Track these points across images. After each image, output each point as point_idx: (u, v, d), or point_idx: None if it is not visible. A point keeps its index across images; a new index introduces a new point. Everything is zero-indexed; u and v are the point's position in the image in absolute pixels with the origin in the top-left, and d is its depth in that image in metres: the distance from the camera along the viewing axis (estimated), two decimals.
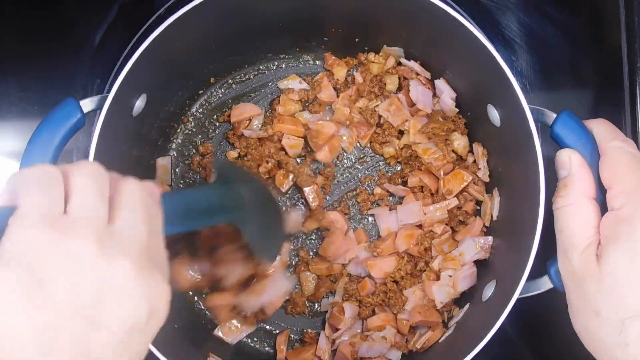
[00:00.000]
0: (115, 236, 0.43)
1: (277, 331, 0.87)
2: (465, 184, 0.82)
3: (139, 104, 0.74)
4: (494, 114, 0.75)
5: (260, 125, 0.88)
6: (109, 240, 0.43)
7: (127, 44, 0.89)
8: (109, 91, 0.86)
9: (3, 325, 0.39)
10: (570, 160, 0.64)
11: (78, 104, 0.67)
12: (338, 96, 0.88)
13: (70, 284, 0.41)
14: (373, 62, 0.87)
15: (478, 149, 0.82)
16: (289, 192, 0.88)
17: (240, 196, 0.67)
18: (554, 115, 0.67)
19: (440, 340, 0.80)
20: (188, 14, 0.69)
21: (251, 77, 0.90)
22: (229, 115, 0.88)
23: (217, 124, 0.90)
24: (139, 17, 0.90)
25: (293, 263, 0.88)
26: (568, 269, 0.62)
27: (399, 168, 0.89)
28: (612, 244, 0.58)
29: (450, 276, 0.81)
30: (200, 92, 0.89)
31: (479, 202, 0.84)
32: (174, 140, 0.89)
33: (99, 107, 0.68)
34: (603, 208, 0.62)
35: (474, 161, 0.83)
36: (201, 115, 0.90)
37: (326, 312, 0.86)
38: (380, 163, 0.89)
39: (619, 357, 0.58)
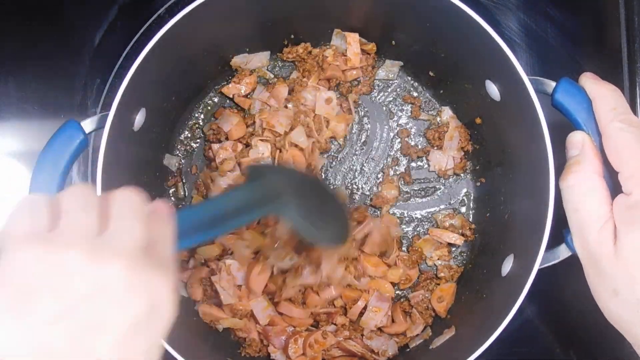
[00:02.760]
0: (106, 242, 0.44)
1: None
2: None
3: (139, 118, 0.74)
4: (493, 89, 0.76)
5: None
6: (100, 246, 0.44)
7: (127, 44, 0.90)
8: (107, 94, 0.88)
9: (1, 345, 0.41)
10: (583, 141, 0.64)
11: (79, 125, 0.67)
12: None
13: (59, 292, 0.42)
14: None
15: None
16: None
17: (274, 188, 0.66)
18: (554, 84, 0.67)
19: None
20: (182, 20, 0.69)
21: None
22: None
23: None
24: (139, 17, 0.90)
25: None
26: (585, 249, 0.63)
27: None
28: (626, 227, 0.59)
29: None
30: (198, 96, 0.89)
31: None
32: (177, 146, 0.89)
33: (101, 127, 0.67)
34: (611, 189, 0.63)
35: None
36: (201, 120, 0.90)
37: None
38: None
39: (638, 333, 0.59)
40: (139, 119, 0.74)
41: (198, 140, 0.89)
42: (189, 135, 0.89)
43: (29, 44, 0.90)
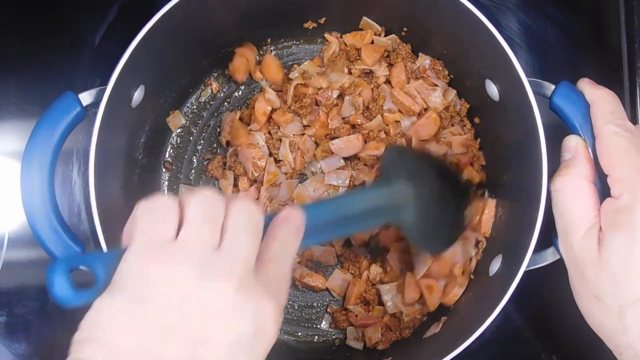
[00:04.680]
0: (220, 260, 0.46)
1: None
2: None
3: (138, 95, 0.75)
4: (493, 89, 0.76)
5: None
6: (212, 263, 0.46)
7: (127, 44, 0.89)
8: None
9: (112, 346, 0.43)
10: (577, 145, 0.65)
11: (77, 97, 0.68)
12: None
13: (172, 307, 0.44)
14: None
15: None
16: None
17: (405, 195, 0.65)
18: (553, 87, 0.68)
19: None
20: (182, 3, 0.70)
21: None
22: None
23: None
24: (139, 17, 0.89)
25: None
26: (569, 253, 0.63)
27: None
28: (612, 231, 0.59)
29: None
30: (199, 83, 0.90)
31: None
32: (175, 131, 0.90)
33: (98, 100, 0.68)
34: (601, 193, 0.63)
35: None
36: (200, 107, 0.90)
37: None
38: None
39: (620, 340, 0.59)
40: (138, 95, 0.75)
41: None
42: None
43: (28, 43, 0.90)
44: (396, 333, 0.82)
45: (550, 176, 0.66)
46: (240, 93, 0.90)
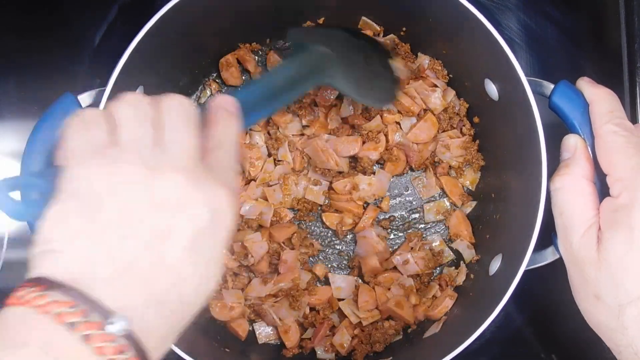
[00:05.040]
0: (163, 154, 0.46)
1: None
2: None
3: None
4: (492, 89, 0.76)
5: None
6: (156, 158, 0.45)
7: (127, 44, 0.89)
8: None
9: (70, 257, 0.42)
10: (576, 144, 0.65)
11: (76, 99, 0.68)
12: None
13: (126, 206, 0.43)
14: None
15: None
16: None
17: (320, 59, 0.67)
18: (552, 86, 0.68)
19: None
20: (181, 4, 0.70)
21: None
22: None
23: None
24: (139, 17, 0.90)
25: None
26: (569, 252, 0.63)
27: None
28: (610, 230, 0.59)
29: None
30: (198, 83, 0.90)
31: None
32: None
33: (97, 101, 0.69)
34: (601, 193, 0.63)
35: None
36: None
37: None
38: None
39: (619, 339, 0.59)
40: None
41: None
42: None
43: (29, 44, 0.90)
44: (367, 346, 0.82)
45: (550, 175, 0.66)
46: None
